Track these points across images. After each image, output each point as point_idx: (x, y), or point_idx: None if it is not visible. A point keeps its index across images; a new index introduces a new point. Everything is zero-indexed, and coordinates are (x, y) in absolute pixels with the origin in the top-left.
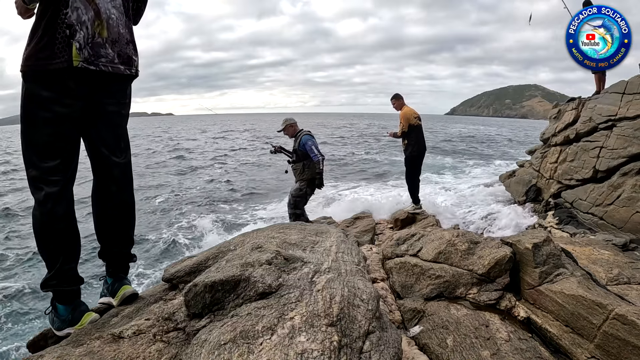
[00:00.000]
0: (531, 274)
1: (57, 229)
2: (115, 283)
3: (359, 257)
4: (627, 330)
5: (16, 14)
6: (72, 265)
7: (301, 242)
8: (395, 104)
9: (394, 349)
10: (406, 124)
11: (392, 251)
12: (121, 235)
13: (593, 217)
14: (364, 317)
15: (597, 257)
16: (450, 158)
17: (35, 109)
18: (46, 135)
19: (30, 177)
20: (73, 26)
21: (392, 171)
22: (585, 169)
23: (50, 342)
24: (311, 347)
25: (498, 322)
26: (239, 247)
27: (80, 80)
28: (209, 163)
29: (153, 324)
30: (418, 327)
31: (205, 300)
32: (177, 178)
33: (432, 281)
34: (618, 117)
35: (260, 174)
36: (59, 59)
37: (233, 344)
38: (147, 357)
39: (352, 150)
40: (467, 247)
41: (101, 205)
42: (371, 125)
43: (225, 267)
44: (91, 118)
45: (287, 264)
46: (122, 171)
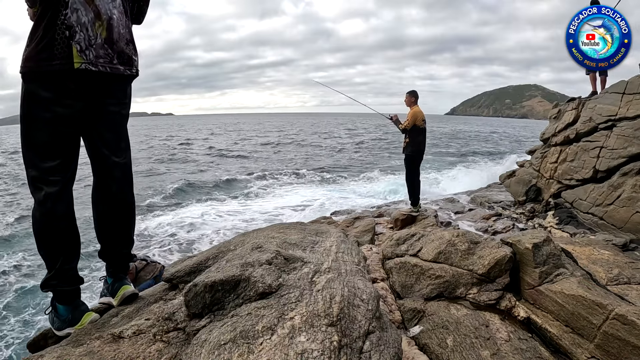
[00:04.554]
0: (531, 274)
1: (57, 229)
2: (115, 283)
3: (359, 257)
4: (627, 330)
5: (29, 19)
6: (72, 265)
7: (301, 242)
8: (407, 100)
9: (394, 349)
10: (412, 122)
11: (392, 251)
12: (121, 235)
13: (593, 217)
14: (364, 317)
15: (597, 257)
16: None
17: (35, 110)
18: (46, 136)
19: (30, 177)
20: (73, 27)
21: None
22: (585, 169)
23: (50, 342)
24: (311, 347)
25: (498, 322)
26: (239, 247)
27: (80, 81)
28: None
29: (153, 324)
30: (418, 327)
31: (205, 300)
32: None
33: (432, 281)
34: (618, 117)
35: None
36: (59, 60)
37: (233, 344)
38: (147, 357)
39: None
40: (467, 247)
41: (101, 206)
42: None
43: (225, 267)
44: (91, 118)
45: (287, 264)
46: (122, 171)
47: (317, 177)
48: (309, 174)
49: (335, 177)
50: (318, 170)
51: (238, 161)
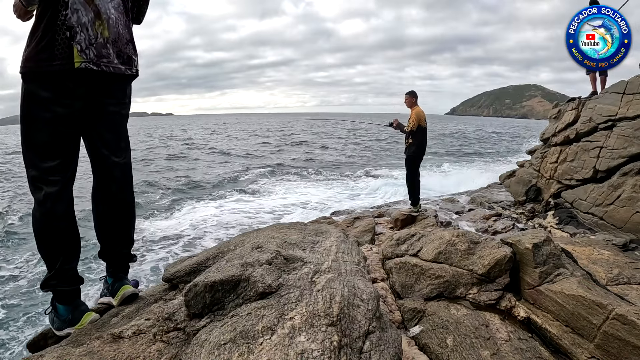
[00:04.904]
0: (531, 274)
1: (57, 229)
2: (115, 283)
3: (359, 257)
4: (627, 330)
5: (15, 17)
6: (72, 265)
7: (301, 242)
8: (407, 101)
9: (394, 349)
10: (417, 123)
11: (392, 251)
12: (121, 235)
13: (593, 217)
14: (364, 317)
15: (597, 257)
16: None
17: (34, 110)
18: (46, 136)
19: (30, 177)
20: (73, 28)
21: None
22: (585, 169)
23: (50, 342)
24: (311, 347)
25: (498, 322)
26: (239, 247)
27: (79, 81)
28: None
29: (153, 324)
30: (418, 327)
31: (205, 300)
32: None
33: (432, 281)
34: (618, 117)
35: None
36: (59, 61)
37: (233, 344)
38: (147, 357)
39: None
40: (467, 247)
41: (101, 205)
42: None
43: (226, 267)
44: (91, 118)
45: (287, 264)
46: (122, 171)
47: (317, 177)
48: (308, 173)
49: (336, 176)
50: (318, 169)
51: (238, 160)
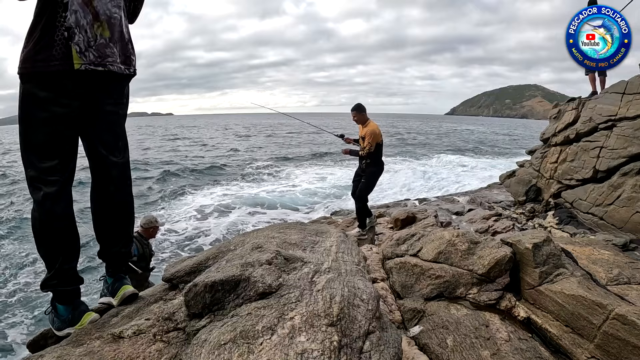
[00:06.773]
0: (531, 274)
1: (56, 229)
2: (115, 283)
3: (359, 257)
4: (627, 330)
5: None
6: (71, 265)
7: (301, 242)
8: (357, 118)
9: (394, 349)
10: (374, 143)
11: (392, 251)
12: (120, 234)
13: (593, 217)
14: (364, 317)
15: (597, 257)
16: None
17: (32, 110)
18: (44, 136)
19: (29, 177)
20: (71, 29)
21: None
22: (585, 169)
23: (50, 342)
24: (311, 347)
25: (498, 322)
26: (239, 247)
27: (77, 81)
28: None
29: (153, 324)
30: (418, 327)
31: (205, 300)
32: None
33: (432, 281)
34: (618, 117)
35: None
36: (58, 61)
37: (233, 344)
38: (147, 357)
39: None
40: (467, 247)
41: (100, 205)
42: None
43: (226, 267)
44: (89, 118)
45: (287, 264)
46: (120, 171)
47: (318, 177)
48: (309, 173)
49: (337, 175)
50: (318, 169)
51: (238, 160)
